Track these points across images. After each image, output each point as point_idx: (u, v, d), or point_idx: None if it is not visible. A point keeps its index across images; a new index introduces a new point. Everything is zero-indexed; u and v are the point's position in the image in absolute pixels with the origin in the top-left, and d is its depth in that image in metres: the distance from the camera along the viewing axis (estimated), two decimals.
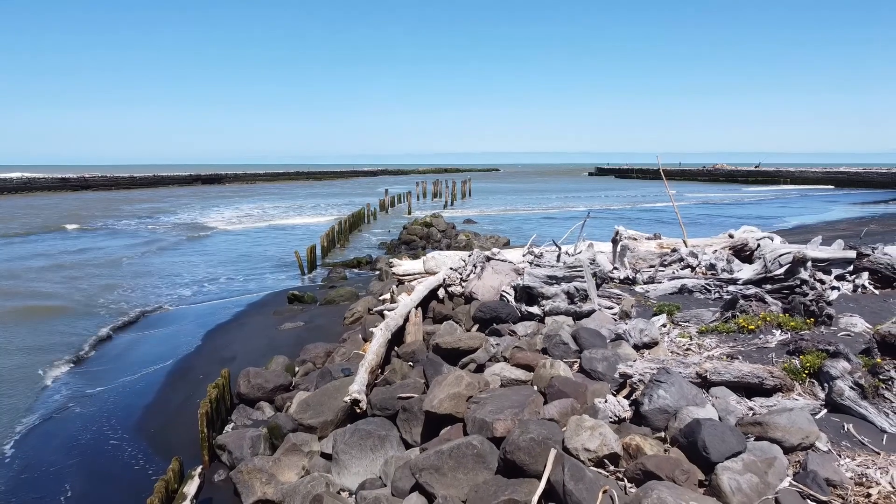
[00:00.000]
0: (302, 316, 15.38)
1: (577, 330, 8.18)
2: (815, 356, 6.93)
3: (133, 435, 9.55)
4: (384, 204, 49.41)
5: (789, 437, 5.74)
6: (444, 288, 11.39)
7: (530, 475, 5.53)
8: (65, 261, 25.22)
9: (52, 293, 19.10)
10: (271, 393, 9.89)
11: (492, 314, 9.26)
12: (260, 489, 7.37)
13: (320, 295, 17.57)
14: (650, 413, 6.07)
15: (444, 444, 6.36)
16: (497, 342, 8.42)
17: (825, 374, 6.72)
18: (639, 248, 12.81)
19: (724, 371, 6.62)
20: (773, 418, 5.86)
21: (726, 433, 5.39)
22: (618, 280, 10.86)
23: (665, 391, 6.12)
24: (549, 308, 9.15)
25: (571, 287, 9.13)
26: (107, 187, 77.62)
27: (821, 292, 8.78)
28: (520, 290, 9.57)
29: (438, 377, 7.64)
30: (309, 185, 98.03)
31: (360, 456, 7.45)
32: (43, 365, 12.57)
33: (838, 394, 6.39)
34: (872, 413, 6.25)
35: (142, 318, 16.58)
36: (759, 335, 8.08)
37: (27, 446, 9.24)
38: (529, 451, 5.54)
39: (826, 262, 9.49)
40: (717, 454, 5.26)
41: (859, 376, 6.48)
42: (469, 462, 6.07)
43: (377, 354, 9.09)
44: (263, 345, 13.18)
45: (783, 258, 9.40)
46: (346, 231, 32.78)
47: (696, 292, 9.89)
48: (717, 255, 11.19)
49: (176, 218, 44.92)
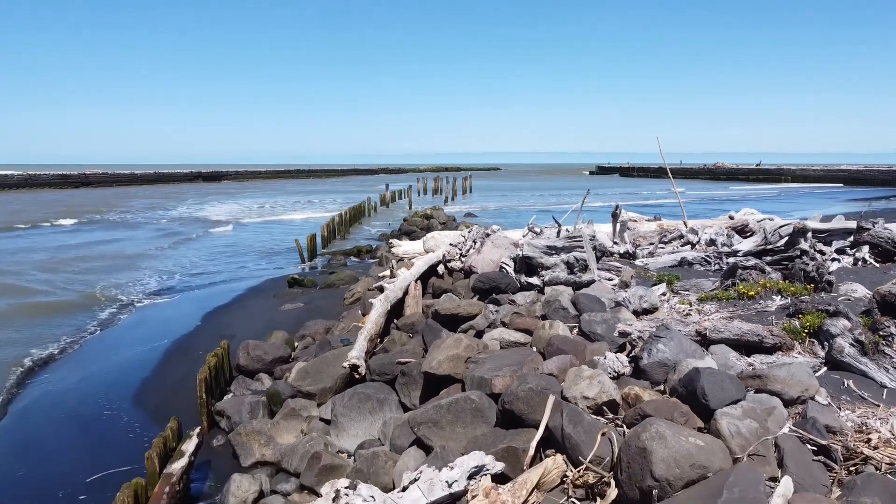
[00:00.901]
0: (302, 298, 15.36)
1: (576, 296, 8.17)
2: (814, 316, 6.91)
3: (131, 406, 9.54)
4: (385, 199, 49.38)
5: (789, 390, 5.72)
6: (444, 264, 11.37)
7: (528, 425, 5.51)
8: (64, 254, 25.25)
9: (55, 283, 19.13)
10: (270, 365, 9.88)
11: (491, 284, 9.24)
12: (258, 451, 7.36)
13: (320, 280, 17.55)
14: (649, 367, 6.05)
15: (442, 399, 6.35)
16: (496, 309, 8.40)
17: (825, 332, 6.70)
18: (639, 228, 12.79)
19: (724, 329, 6.61)
20: (772, 371, 5.84)
21: (725, 381, 5.36)
22: (617, 255, 10.84)
23: (664, 345, 6.10)
24: (549, 278, 9.13)
25: (571, 257, 9.11)
26: (107, 184, 77.67)
27: (821, 262, 8.76)
28: (519, 261, 9.55)
29: (437, 341, 7.63)
30: (310, 183, 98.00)
31: (358, 419, 7.43)
32: (44, 343, 12.59)
33: (838, 351, 6.37)
34: (872, 369, 6.23)
35: (140, 303, 16.57)
36: (759, 301, 8.06)
37: (28, 418, 9.23)
38: (528, 401, 5.53)
39: (826, 234, 9.46)
40: (716, 401, 5.23)
41: (859, 333, 6.46)
42: (467, 416, 6.05)
43: (376, 324, 9.07)
44: (263, 324, 13.15)
45: (783, 230, 9.38)
46: (347, 223, 32.77)
47: (695, 264, 9.87)
48: (718, 230, 11.17)
49: (177, 212, 44.96)
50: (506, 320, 8.02)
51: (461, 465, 4.46)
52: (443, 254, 11.28)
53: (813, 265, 8.51)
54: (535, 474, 4.63)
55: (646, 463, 4.15)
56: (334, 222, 29.50)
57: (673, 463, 4.06)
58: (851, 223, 9.58)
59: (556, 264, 9.13)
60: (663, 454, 4.09)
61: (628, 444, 4.36)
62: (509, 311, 8.30)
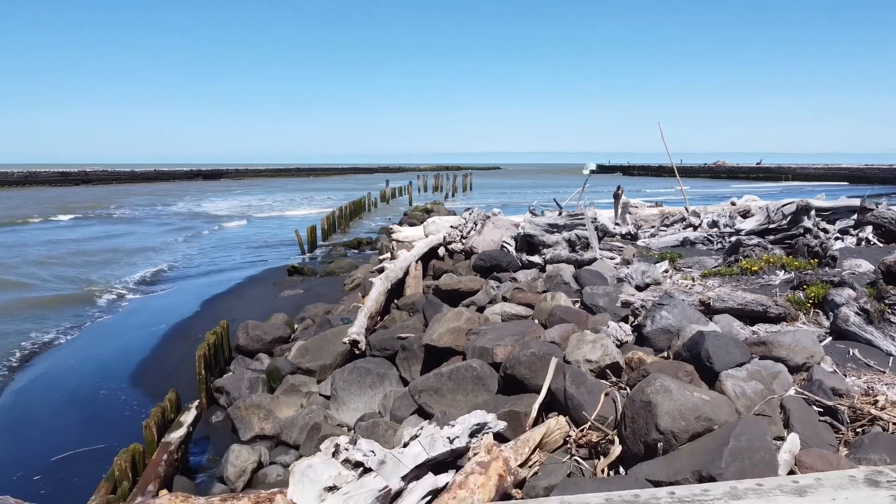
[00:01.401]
0: (301, 285, 15.29)
1: (578, 272, 8.10)
2: (819, 287, 6.85)
3: (129, 385, 9.49)
4: (385, 195, 49.29)
5: (794, 357, 5.64)
6: (445, 246, 11.31)
7: (530, 390, 5.44)
8: (68, 247, 25.23)
9: (60, 275, 19.08)
10: (270, 345, 9.81)
11: (492, 262, 9.17)
12: (258, 424, 7.29)
13: (320, 269, 17.49)
14: (652, 334, 5.99)
15: (443, 368, 6.28)
16: (497, 285, 8.33)
17: (830, 302, 6.64)
18: (640, 213, 12.72)
19: (728, 298, 6.54)
20: (777, 337, 5.77)
21: (730, 344, 5.30)
22: (619, 235, 10.77)
23: (668, 312, 6.03)
24: (551, 256, 9.06)
25: (573, 235, 9.04)
26: (107, 181, 77.61)
27: (825, 239, 8.69)
28: (520, 240, 9.48)
29: (438, 315, 7.56)
30: (310, 181, 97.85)
31: (359, 392, 7.36)
32: (48, 327, 12.56)
33: (843, 320, 6.30)
34: (878, 337, 6.16)
35: (139, 292, 16.51)
36: (763, 276, 7.99)
37: (26, 396, 9.18)
38: (530, 366, 5.46)
39: (830, 212, 9.40)
40: (720, 364, 5.16)
41: (865, 302, 6.40)
42: (468, 384, 5.98)
43: (376, 302, 9.00)
44: (263, 309, 13.09)
45: (786, 208, 9.31)
46: (347, 217, 32.68)
47: (698, 244, 9.80)
48: (720, 212, 11.10)
49: (177, 208, 44.90)
50: (507, 295, 7.95)
51: (463, 423, 4.39)
52: (443, 236, 11.22)
53: (816, 241, 8.44)
54: (537, 433, 4.56)
55: (650, 416, 4.08)
56: (334, 216, 29.42)
57: (678, 415, 3.99)
58: (855, 201, 9.53)
59: (558, 242, 9.06)
60: (668, 407, 4.02)
61: (632, 400, 4.29)
62: (510, 287, 8.23)
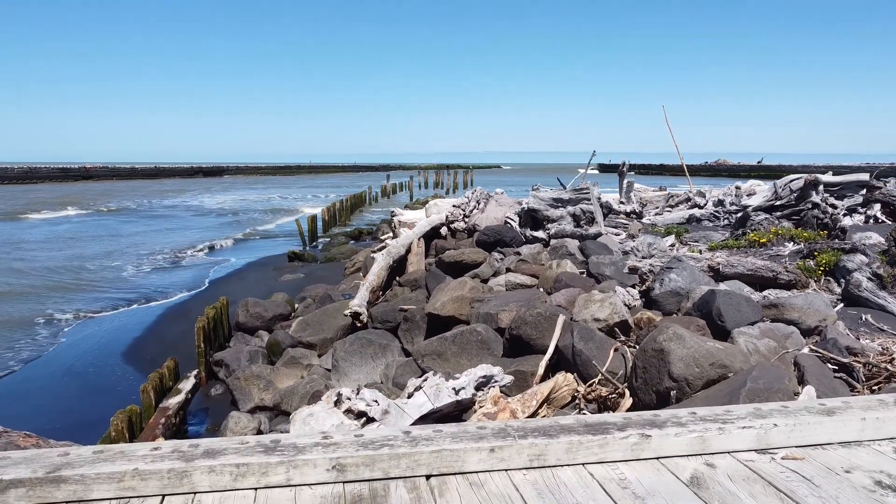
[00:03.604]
0: (302, 270, 15.18)
1: (584, 243, 7.97)
2: (830, 254, 6.72)
3: (127, 360, 9.37)
4: (386, 190, 49.16)
5: (806, 319, 5.51)
6: (447, 225, 11.17)
7: (537, 351, 5.31)
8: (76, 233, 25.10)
9: (62, 267, 18.97)
10: (270, 322, 9.68)
11: (495, 237, 9.04)
12: (257, 395, 7.16)
13: (321, 256, 17.38)
14: (661, 297, 5.86)
15: (447, 333, 6.15)
16: (501, 258, 8.21)
17: (841, 268, 6.50)
18: (644, 195, 12.60)
19: (738, 264, 6.41)
20: (789, 300, 5.64)
21: (742, 303, 5.17)
22: (624, 214, 10.63)
23: (677, 275, 5.90)
24: (555, 231, 8.93)
25: (577, 209, 8.91)
26: (108, 178, 77.42)
27: (833, 213, 8.57)
28: (524, 216, 9.35)
29: (441, 284, 7.43)
30: (311, 178, 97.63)
31: (360, 363, 7.23)
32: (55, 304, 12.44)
33: (856, 285, 6.17)
34: (891, 302, 6.03)
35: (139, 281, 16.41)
36: (771, 248, 7.86)
37: (26, 372, 9.08)
38: (536, 326, 5.33)
39: (839, 188, 9.27)
40: (732, 322, 5.04)
41: (878, 267, 6.27)
42: (473, 348, 5.85)
43: (378, 276, 8.87)
44: (263, 291, 12.95)
45: (794, 184, 9.18)
46: (348, 210, 32.54)
47: (704, 220, 9.67)
48: (726, 191, 10.97)
49: (175, 202, 44.79)
50: (511, 267, 7.82)
51: (469, 375, 4.27)
52: (446, 215, 11.09)
53: (826, 214, 8.31)
54: (545, 387, 4.43)
55: (663, 364, 3.95)
56: (335, 208, 29.28)
57: (692, 362, 3.86)
58: (864, 175, 9.40)
59: (563, 217, 8.93)
60: (681, 353, 3.89)
61: (644, 350, 4.16)
62: (514, 259, 8.10)
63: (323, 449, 2.13)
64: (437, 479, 2.13)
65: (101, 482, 1.98)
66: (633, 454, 2.26)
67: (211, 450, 2.13)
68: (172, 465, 2.02)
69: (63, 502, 1.97)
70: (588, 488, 2.08)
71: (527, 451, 2.20)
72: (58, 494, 1.96)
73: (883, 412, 2.48)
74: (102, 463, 2.03)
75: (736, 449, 2.33)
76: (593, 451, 2.24)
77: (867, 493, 2.06)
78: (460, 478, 2.14)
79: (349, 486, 2.08)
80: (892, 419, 2.45)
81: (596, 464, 2.23)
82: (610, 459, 2.24)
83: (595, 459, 2.24)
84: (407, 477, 2.13)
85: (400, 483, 2.10)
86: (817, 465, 2.25)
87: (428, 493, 2.04)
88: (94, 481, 1.97)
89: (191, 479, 2.02)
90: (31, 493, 1.95)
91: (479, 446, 2.18)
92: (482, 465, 2.18)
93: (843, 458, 2.30)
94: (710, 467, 2.23)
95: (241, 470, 2.05)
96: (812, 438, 2.38)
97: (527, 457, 2.20)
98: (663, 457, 2.27)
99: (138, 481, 2.00)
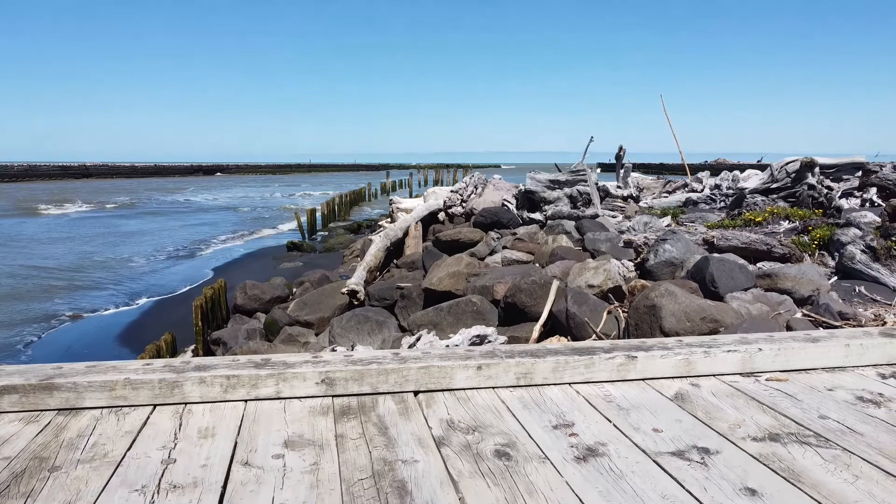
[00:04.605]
0: (301, 259, 15.20)
1: (581, 222, 8.00)
2: (824, 229, 6.75)
3: (126, 343, 9.40)
4: (386, 187, 49.21)
5: (799, 289, 5.54)
6: (445, 210, 11.21)
7: (531, 318, 5.34)
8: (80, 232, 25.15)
9: (66, 260, 19.02)
10: (268, 304, 9.68)
11: (492, 219, 9.07)
12: None
13: (320, 246, 17.42)
14: (655, 267, 5.89)
15: (443, 304, 6.18)
16: (498, 237, 8.24)
17: (836, 242, 6.53)
18: (642, 182, 12.63)
19: (732, 237, 6.44)
20: (783, 269, 5.68)
21: (735, 269, 5.21)
22: (621, 198, 10.67)
23: (671, 245, 5.93)
24: (552, 213, 8.97)
25: (574, 191, 8.95)
26: (107, 176, 77.48)
27: (829, 193, 8.60)
28: (521, 197, 9.39)
29: (438, 261, 7.46)
30: (311, 177, 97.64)
31: (357, 339, 7.23)
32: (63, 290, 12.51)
33: (849, 258, 6.20)
34: (885, 274, 6.06)
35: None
36: (767, 226, 7.89)
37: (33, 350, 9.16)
38: (531, 293, 5.36)
39: (835, 170, 9.30)
40: (725, 288, 5.07)
41: (871, 240, 6.30)
42: (468, 318, 5.88)
43: (375, 257, 8.91)
44: (261, 277, 12.97)
45: (790, 166, 9.21)
46: (347, 205, 32.57)
47: (701, 203, 9.71)
48: (723, 176, 11.00)
49: (175, 197, 44.83)
50: (508, 245, 7.85)
51: (463, 334, 4.30)
52: (443, 200, 11.12)
53: (821, 193, 8.35)
54: None
55: (654, 320, 3.98)
56: (334, 203, 29.31)
57: (683, 316, 3.89)
58: (861, 157, 9.43)
59: (559, 198, 8.96)
60: (673, 308, 3.93)
61: (636, 308, 4.20)
62: (511, 238, 8.13)
63: (312, 365, 2.17)
64: (424, 395, 2.16)
65: (93, 390, 2.01)
66: (619, 374, 2.29)
67: (202, 365, 2.17)
68: (164, 376, 2.05)
69: (56, 409, 2.00)
70: (574, 402, 2.12)
71: (514, 369, 2.23)
72: (50, 402, 2.00)
73: (867, 340, 2.51)
74: (95, 374, 2.06)
75: (721, 372, 2.36)
76: (580, 371, 2.27)
77: (848, 405, 2.09)
78: (448, 394, 2.17)
79: (338, 400, 2.11)
80: (876, 346, 2.49)
81: (582, 383, 2.26)
82: (596, 379, 2.28)
83: (581, 379, 2.27)
84: (395, 392, 2.16)
85: (388, 398, 2.13)
86: (801, 386, 2.28)
87: (416, 405, 2.08)
88: (87, 389, 2.00)
89: (182, 389, 2.05)
90: (24, 400, 1.98)
91: (467, 364, 2.21)
92: (469, 383, 2.21)
93: (826, 380, 2.33)
94: (695, 387, 2.26)
95: (232, 382, 2.08)
96: (796, 363, 2.41)
97: (514, 375, 2.23)
98: (649, 378, 2.31)
99: (130, 390, 2.03)
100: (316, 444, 1.80)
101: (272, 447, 1.77)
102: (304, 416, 1.99)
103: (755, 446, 1.80)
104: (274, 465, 1.67)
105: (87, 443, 1.79)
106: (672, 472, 1.64)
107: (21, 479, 1.58)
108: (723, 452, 1.76)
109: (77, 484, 1.57)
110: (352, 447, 1.78)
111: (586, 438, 1.84)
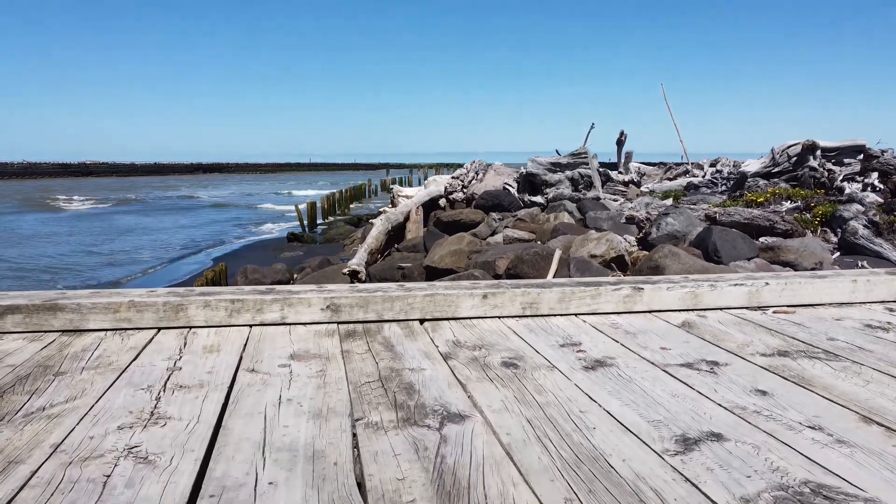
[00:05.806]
0: (301, 249, 15.20)
1: (582, 202, 7.99)
2: (827, 206, 6.75)
3: None
4: (386, 183, 49.16)
5: (802, 261, 5.54)
6: (446, 196, 11.19)
7: None
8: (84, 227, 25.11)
9: (68, 256, 18.99)
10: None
11: (494, 201, 9.06)
12: None
13: (320, 238, 17.41)
14: (658, 240, 5.87)
15: (444, 279, 6.17)
16: (499, 217, 8.23)
17: (838, 218, 6.53)
18: (643, 169, 12.62)
19: (735, 212, 6.43)
20: (785, 242, 5.67)
21: (737, 239, 5.20)
22: (622, 183, 10.65)
23: (674, 219, 5.92)
24: (553, 195, 8.96)
25: (576, 173, 8.94)
26: (107, 174, 77.45)
27: (830, 174, 8.60)
28: (522, 181, 9.38)
29: (440, 240, 7.46)
30: (311, 175, 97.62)
31: None
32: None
33: (852, 233, 6.20)
34: (887, 249, 6.06)
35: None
36: (769, 206, 7.88)
37: None
38: (533, 264, 5.35)
39: (836, 153, 9.28)
40: (727, 257, 5.06)
41: (874, 215, 6.30)
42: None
43: (376, 239, 8.89)
44: (262, 264, 12.98)
45: (791, 150, 9.20)
46: (347, 200, 32.56)
47: (702, 187, 9.69)
48: (724, 162, 10.99)
49: (175, 194, 44.80)
50: (509, 225, 7.84)
51: None
52: (444, 186, 11.11)
53: (823, 173, 8.35)
54: None
55: None
56: (334, 197, 29.30)
57: (687, 274, 3.88)
58: (861, 139, 9.42)
59: (561, 181, 8.95)
60: (676, 268, 3.92)
61: (639, 271, 4.19)
62: (512, 220, 8.12)
63: (317, 292, 2.15)
64: (430, 323, 2.15)
65: (97, 312, 1.99)
66: (625, 306, 2.28)
67: (207, 291, 2.15)
68: (168, 300, 2.04)
69: (60, 330, 1.98)
70: (580, 328, 2.11)
71: (520, 298, 2.22)
72: (54, 322, 1.98)
73: (874, 277, 2.50)
74: (98, 297, 2.05)
75: (728, 305, 2.35)
76: (586, 302, 2.26)
77: (857, 331, 2.08)
78: (453, 322, 2.16)
79: (343, 326, 2.10)
80: (882, 283, 2.47)
81: (588, 314, 2.25)
82: (602, 310, 2.26)
83: (588, 310, 2.26)
84: (400, 320, 2.15)
85: (394, 324, 2.12)
86: (808, 317, 2.27)
87: (422, 330, 2.06)
88: (91, 311, 1.99)
89: (186, 312, 2.04)
90: (27, 321, 1.97)
91: (473, 292, 2.20)
92: (475, 312, 2.20)
93: (834, 313, 2.32)
94: (702, 318, 2.25)
95: (237, 306, 2.07)
96: (803, 298, 2.40)
97: (519, 304, 2.22)
98: (655, 310, 2.29)
99: (134, 313, 2.02)
100: (322, 357, 1.79)
101: (278, 359, 1.77)
102: (309, 337, 1.98)
103: (764, 360, 1.79)
104: (280, 372, 1.66)
105: (92, 355, 1.78)
106: (682, 378, 1.63)
107: (26, 381, 1.57)
108: (732, 364, 1.75)
109: (82, 384, 1.56)
110: (358, 359, 1.77)
111: (594, 354, 1.83)
